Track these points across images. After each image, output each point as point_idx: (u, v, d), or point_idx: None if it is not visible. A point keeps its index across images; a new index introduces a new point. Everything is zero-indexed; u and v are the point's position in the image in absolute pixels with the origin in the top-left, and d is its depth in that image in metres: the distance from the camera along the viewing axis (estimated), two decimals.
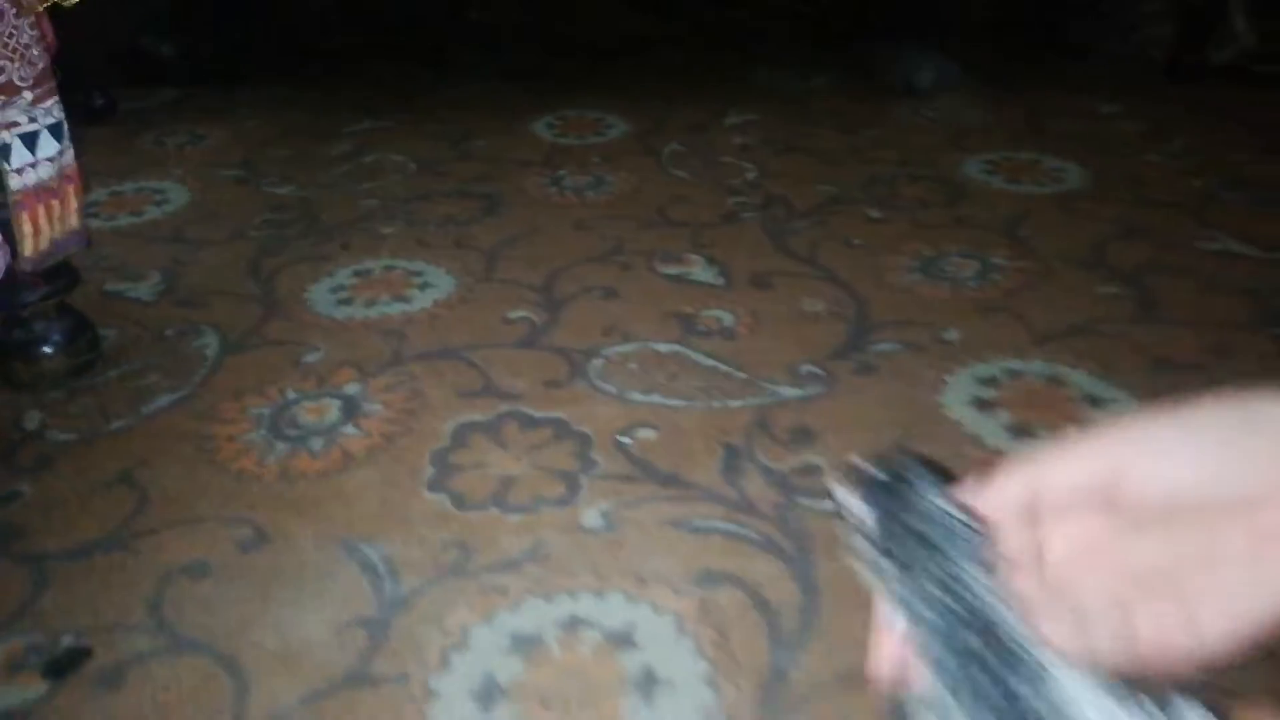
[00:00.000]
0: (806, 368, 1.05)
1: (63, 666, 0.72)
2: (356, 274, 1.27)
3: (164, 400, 1.03)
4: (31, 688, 0.71)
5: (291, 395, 1.03)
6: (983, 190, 1.47)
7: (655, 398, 1.01)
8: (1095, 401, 0.98)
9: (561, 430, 0.97)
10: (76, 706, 0.70)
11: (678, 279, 1.24)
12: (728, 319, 1.15)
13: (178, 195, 1.52)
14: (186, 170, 1.60)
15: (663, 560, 0.81)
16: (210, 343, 1.13)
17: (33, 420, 1.00)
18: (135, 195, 1.52)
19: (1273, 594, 0.35)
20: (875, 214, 1.40)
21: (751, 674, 0.71)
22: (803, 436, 0.95)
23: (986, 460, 0.46)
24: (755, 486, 0.89)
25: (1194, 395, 0.31)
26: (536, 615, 0.76)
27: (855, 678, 0.69)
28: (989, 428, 0.96)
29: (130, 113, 1.85)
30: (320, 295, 1.22)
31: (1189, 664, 0.35)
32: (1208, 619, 0.35)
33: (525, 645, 0.73)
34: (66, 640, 0.74)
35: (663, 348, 1.10)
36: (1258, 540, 0.35)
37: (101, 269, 1.27)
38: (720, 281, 1.23)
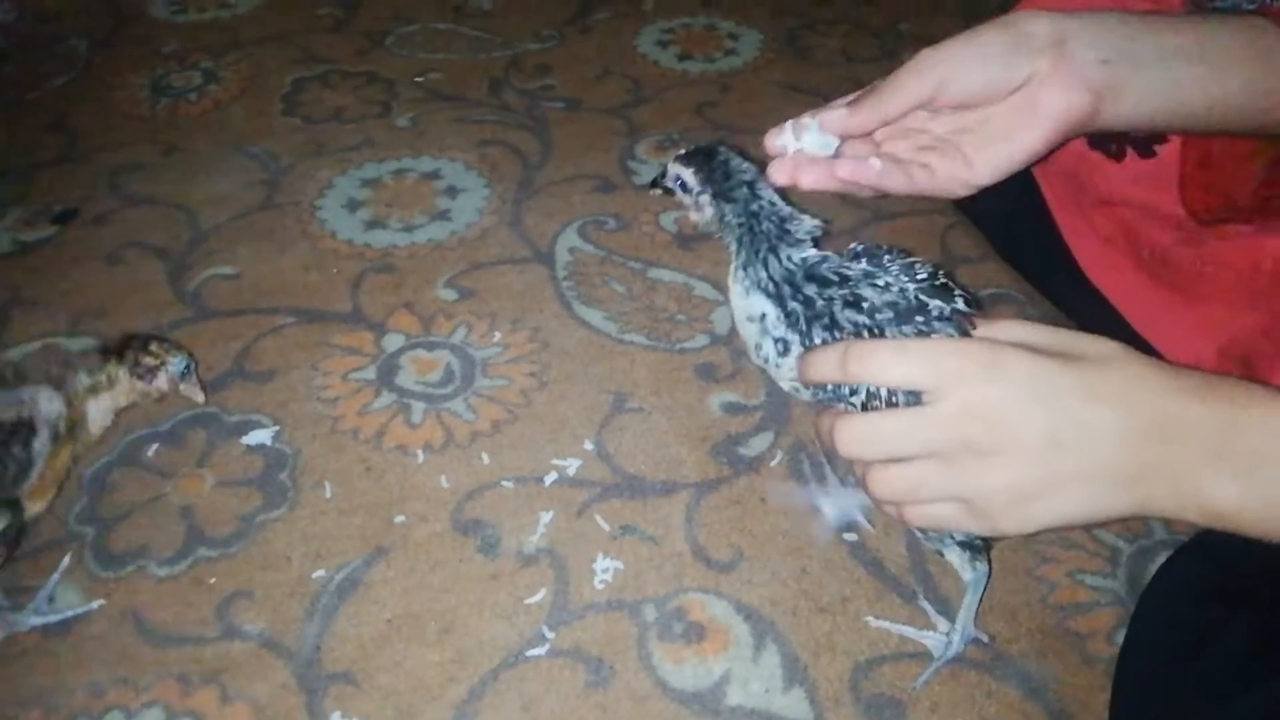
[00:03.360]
0: (546, 31, 1.49)
1: (64, 217, 1.10)
2: None
3: (61, 80, 1.36)
4: (48, 230, 1.09)
5: (160, 71, 1.37)
6: None
7: (439, 55, 1.43)
8: (733, 37, 1.48)
9: (373, 77, 1.37)
10: (80, 239, 1.09)
11: None
12: (486, 4, 1.55)
13: None
14: None
15: (454, 138, 1.25)
16: (80, 44, 1.44)
17: None
18: None
19: (1019, 146, 0.59)
20: None
21: (511, 183, 1.18)
22: (543, 70, 1.40)
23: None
24: (511, 97, 1.34)
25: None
26: (374, 170, 1.19)
27: (576, 179, 1.17)
28: (665, 57, 1.43)
29: None
30: (159, 6, 1.53)
31: (967, 190, 0.61)
32: (979, 162, 0.60)
33: (370, 183, 1.17)
34: (57, 207, 1.12)
35: (441, 25, 1.50)
36: (1012, 111, 0.58)
37: None
38: None
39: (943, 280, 0.60)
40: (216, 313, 0.99)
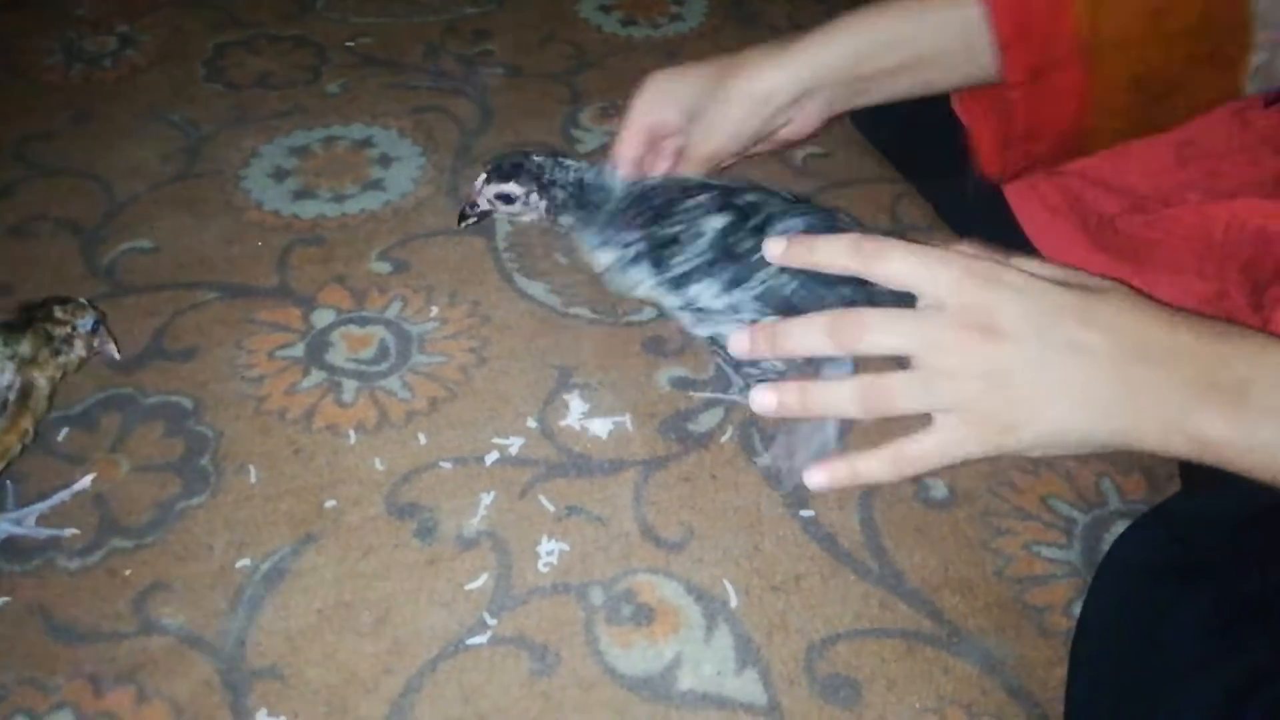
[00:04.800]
0: None
1: None
2: None
3: None
4: None
5: (72, 35, 1.29)
6: None
7: (371, 19, 1.36)
8: (678, 2, 1.43)
9: (301, 41, 1.31)
10: None
11: None
12: None
13: None
14: None
15: (388, 105, 1.20)
16: None
17: None
18: None
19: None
20: None
21: (448, 150, 1.13)
22: (481, 35, 1.35)
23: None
24: (449, 63, 1.28)
25: None
26: (303, 137, 1.13)
27: (517, 148, 1.13)
28: (609, 22, 1.39)
29: None
30: None
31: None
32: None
33: (299, 152, 1.11)
34: None
35: None
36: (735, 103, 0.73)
37: None
38: None
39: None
40: (133, 288, 0.93)
